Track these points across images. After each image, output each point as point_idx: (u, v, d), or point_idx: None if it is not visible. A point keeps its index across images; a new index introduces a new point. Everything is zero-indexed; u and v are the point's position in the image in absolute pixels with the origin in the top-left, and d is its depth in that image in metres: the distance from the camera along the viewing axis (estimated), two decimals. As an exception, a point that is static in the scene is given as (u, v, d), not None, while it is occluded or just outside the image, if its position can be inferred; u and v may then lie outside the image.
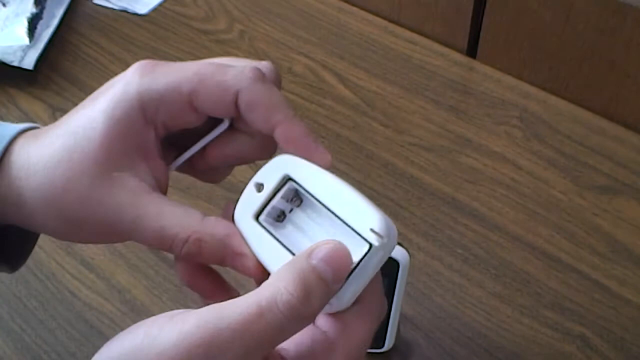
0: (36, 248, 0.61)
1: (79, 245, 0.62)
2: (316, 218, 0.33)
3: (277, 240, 0.33)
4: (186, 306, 0.57)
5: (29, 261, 0.61)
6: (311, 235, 0.33)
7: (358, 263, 0.31)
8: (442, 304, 0.56)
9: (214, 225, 0.34)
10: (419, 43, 0.79)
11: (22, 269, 0.60)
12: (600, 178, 0.64)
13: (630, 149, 0.67)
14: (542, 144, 0.68)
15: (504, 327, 0.55)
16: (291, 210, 0.34)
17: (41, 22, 0.83)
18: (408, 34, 0.81)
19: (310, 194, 0.33)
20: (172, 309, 0.52)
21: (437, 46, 0.79)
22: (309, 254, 0.30)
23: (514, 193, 0.64)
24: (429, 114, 0.71)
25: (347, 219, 0.32)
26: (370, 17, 0.83)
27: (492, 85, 0.74)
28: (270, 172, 0.34)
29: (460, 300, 0.56)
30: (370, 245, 0.31)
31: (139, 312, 0.57)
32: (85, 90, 0.77)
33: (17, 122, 0.76)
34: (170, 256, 0.61)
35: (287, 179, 0.34)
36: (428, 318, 0.55)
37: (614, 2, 0.63)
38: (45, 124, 0.73)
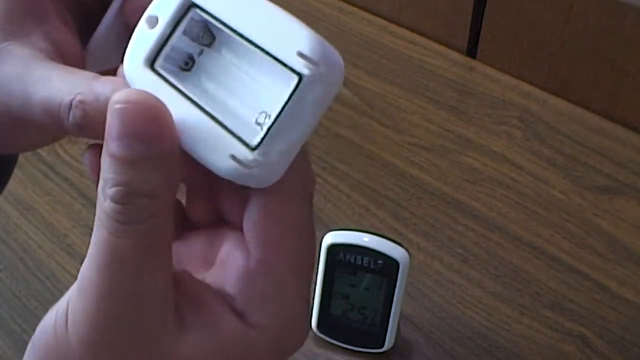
0: (36, 248, 0.62)
1: (79, 245, 0.62)
2: (233, 58, 0.25)
3: (182, 93, 0.24)
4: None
5: (29, 261, 0.61)
6: (227, 83, 0.25)
7: (284, 106, 0.23)
8: (442, 304, 0.56)
9: (103, 84, 0.26)
10: (419, 43, 0.79)
11: (22, 269, 0.60)
12: (600, 178, 0.64)
13: (630, 149, 0.67)
14: (542, 144, 0.68)
15: (504, 327, 0.55)
16: (201, 53, 0.26)
17: (41, 22, 0.82)
18: (408, 34, 0.81)
19: (220, 21, 0.24)
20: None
21: (437, 46, 0.79)
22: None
23: (514, 193, 0.64)
24: (429, 114, 0.71)
25: (270, 47, 0.23)
26: (370, 17, 0.83)
27: (492, 85, 0.74)
28: (167, 0, 0.25)
29: (460, 300, 0.56)
30: (300, 76, 0.23)
31: (139, 312, 0.57)
32: (85, 90, 0.77)
33: (17, 122, 0.76)
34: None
35: (189, 5, 0.24)
36: (428, 318, 0.55)
37: (614, 2, 0.63)
38: (45, 124, 0.74)
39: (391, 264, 0.47)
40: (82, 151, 0.72)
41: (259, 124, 0.23)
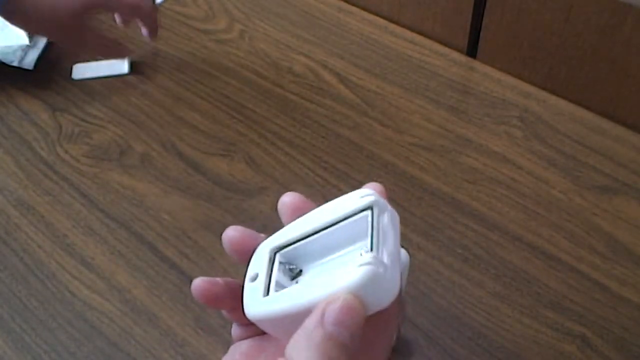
0: (36, 248, 0.62)
1: (79, 245, 0.62)
2: (318, 264, 0.32)
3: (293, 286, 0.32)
4: (186, 306, 0.57)
5: (29, 261, 0.61)
6: (319, 277, 0.31)
7: (371, 230, 0.30)
8: (442, 304, 0.56)
9: None
10: (419, 43, 0.80)
11: (22, 269, 0.60)
12: (600, 178, 0.64)
13: (630, 149, 0.67)
14: (542, 144, 0.68)
15: (504, 327, 0.55)
16: (296, 281, 0.33)
17: (41, 22, 0.82)
18: (408, 34, 0.81)
19: (295, 242, 0.32)
20: (172, 309, 0.53)
21: (437, 46, 0.79)
22: (320, 319, 0.28)
23: (514, 193, 0.64)
24: (429, 114, 0.71)
25: (338, 217, 0.31)
26: (370, 17, 0.83)
27: (492, 85, 0.74)
28: (257, 260, 0.33)
29: (460, 300, 0.56)
30: (370, 205, 0.30)
31: (139, 312, 0.57)
32: (85, 90, 0.77)
33: (17, 122, 0.76)
34: (171, 256, 0.61)
35: (274, 252, 0.33)
36: (428, 318, 0.55)
37: (614, 2, 0.63)
38: (46, 124, 0.74)
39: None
40: (82, 151, 0.72)
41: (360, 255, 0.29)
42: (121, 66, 0.79)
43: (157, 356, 0.54)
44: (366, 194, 0.31)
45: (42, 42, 0.80)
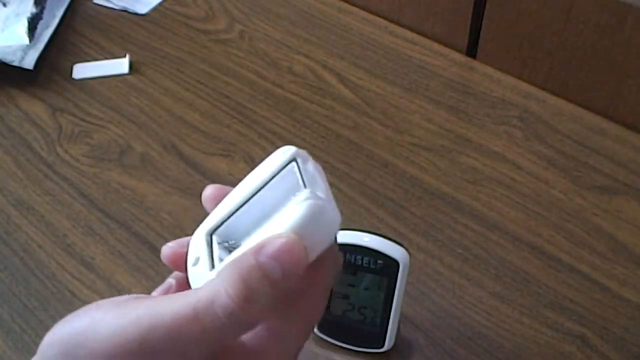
0: (36, 248, 0.62)
1: (79, 245, 0.62)
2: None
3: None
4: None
5: (29, 261, 0.61)
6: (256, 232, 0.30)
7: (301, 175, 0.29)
8: (442, 304, 0.56)
9: None
10: (419, 43, 0.79)
11: (22, 269, 0.60)
12: (600, 178, 0.64)
13: (630, 149, 0.67)
14: (542, 144, 0.68)
15: (504, 327, 0.55)
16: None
17: (41, 22, 0.83)
18: (408, 34, 0.81)
19: (227, 218, 0.31)
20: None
21: (437, 46, 0.79)
22: (257, 249, 0.27)
23: (514, 193, 0.64)
24: (429, 114, 0.71)
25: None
26: (370, 17, 0.83)
27: (492, 85, 0.74)
28: (195, 246, 0.32)
29: (460, 300, 0.56)
30: (293, 157, 0.30)
31: (139, 312, 0.57)
32: (85, 90, 0.77)
33: (17, 122, 0.77)
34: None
35: (210, 235, 0.32)
36: (428, 318, 0.55)
37: (614, 2, 0.63)
38: (46, 124, 0.74)
39: (391, 264, 0.47)
40: (82, 151, 0.72)
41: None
42: (121, 66, 0.79)
43: (157, 356, 0.54)
44: (286, 149, 0.30)
45: (42, 42, 0.80)
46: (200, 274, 0.30)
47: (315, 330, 0.53)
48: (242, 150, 0.69)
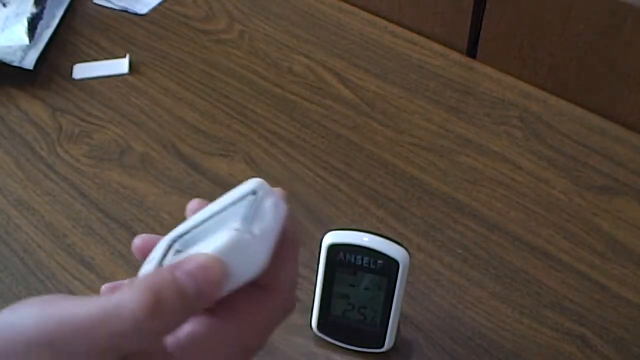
0: (36, 248, 0.62)
1: (79, 245, 0.62)
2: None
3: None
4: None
5: (29, 261, 0.61)
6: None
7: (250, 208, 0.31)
8: (442, 304, 0.56)
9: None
10: (419, 43, 0.79)
11: (22, 269, 0.60)
12: (600, 178, 0.64)
13: (630, 149, 0.67)
14: (542, 144, 0.68)
15: (504, 327, 0.55)
16: None
17: (41, 22, 0.83)
18: (408, 34, 0.81)
19: (189, 230, 0.33)
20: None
21: (437, 46, 0.79)
22: (177, 264, 0.29)
23: (514, 193, 0.64)
24: (429, 114, 0.71)
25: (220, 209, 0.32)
26: (370, 17, 0.83)
27: (492, 85, 0.74)
28: (156, 249, 0.34)
29: (460, 300, 0.56)
30: (254, 189, 0.32)
31: (139, 312, 0.57)
32: (85, 90, 0.77)
33: (17, 122, 0.77)
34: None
35: (172, 241, 0.33)
36: (428, 318, 0.55)
37: (614, 2, 0.63)
38: (46, 124, 0.74)
39: (391, 264, 0.47)
40: (82, 151, 0.72)
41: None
42: (121, 66, 0.79)
43: (157, 356, 0.54)
44: (255, 181, 0.32)
45: (42, 42, 0.80)
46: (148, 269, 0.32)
47: (315, 330, 0.53)
48: (242, 150, 0.69)
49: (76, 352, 0.27)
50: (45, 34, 0.81)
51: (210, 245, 0.29)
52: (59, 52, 0.82)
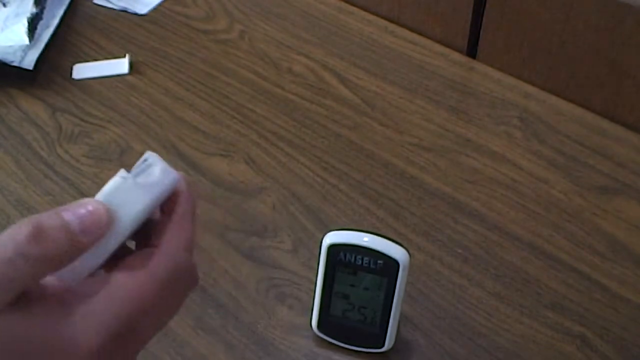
0: (36, 248, 0.61)
1: (79, 245, 0.62)
2: None
3: None
4: (185, 306, 0.57)
5: (29, 261, 0.61)
6: None
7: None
8: (442, 304, 0.56)
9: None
10: (419, 43, 0.79)
11: (22, 269, 0.60)
12: (600, 178, 0.64)
13: (630, 149, 0.67)
14: (542, 144, 0.68)
15: (504, 327, 0.55)
16: None
17: (41, 22, 0.83)
18: (408, 34, 0.81)
19: None
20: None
21: (437, 46, 0.79)
22: (63, 207, 0.30)
23: (514, 193, 0.64)
24: (429, 114, 0.71)
25: None
26: (370, 17, 0.83)
27: (492, 85, 0.74)
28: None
29: (460, 300, 0.56)
30: (145, 157, 0.34)
31: (139, 312, 0.57)
32: (85, 90, 0.77)
33: (17, 122, 0.77)
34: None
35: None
36: (428, 318, 0.55)
37: (614, 2, 0.63)
38: (46, 123, 0.74)
39: (391, 264, 0.47)
40: (82, 151, 0.72)
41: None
42: (121, 66, 0.79)
43: (157, 356, 0.54)
44: (149, 152, 0.34)
45: (42, 42, 0.80)
46: None
47: (315, 330, 0.53)
48: (242, 150, 0.69)
49: None
50: (45, 34, 0.81)
51: (99, 193, 0.32)
52: (59, 52, 0.82)
